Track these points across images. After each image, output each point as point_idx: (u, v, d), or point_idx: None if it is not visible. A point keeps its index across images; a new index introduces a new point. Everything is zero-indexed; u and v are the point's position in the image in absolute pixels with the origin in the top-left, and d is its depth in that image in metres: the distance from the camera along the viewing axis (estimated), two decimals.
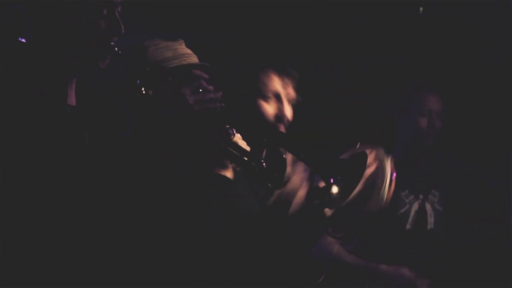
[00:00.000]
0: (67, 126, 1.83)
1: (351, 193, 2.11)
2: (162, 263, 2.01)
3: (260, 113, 2.57)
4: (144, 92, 1.91)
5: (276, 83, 2.61)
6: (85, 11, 1.84)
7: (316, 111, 4.23)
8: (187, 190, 2.03)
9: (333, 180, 2.09)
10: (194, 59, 2.43)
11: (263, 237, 2.40)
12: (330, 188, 2.08)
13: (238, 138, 2.15)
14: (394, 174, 2.78)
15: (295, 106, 2.67)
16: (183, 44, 2.46)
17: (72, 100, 1.91)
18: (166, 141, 1.91)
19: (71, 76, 1.91)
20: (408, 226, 3.49)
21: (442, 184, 3.57)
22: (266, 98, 2.58)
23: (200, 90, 1.87)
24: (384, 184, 2.63)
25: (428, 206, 3.53)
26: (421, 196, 3.54)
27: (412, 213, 3.50)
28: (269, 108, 2.58)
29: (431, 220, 3.51)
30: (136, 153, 1.87)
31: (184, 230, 2.04)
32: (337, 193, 2.09)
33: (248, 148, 2.16)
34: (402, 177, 3.46)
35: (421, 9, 4.17)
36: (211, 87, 1.90)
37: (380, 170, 2.69)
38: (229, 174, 2.29)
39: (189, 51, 2.44)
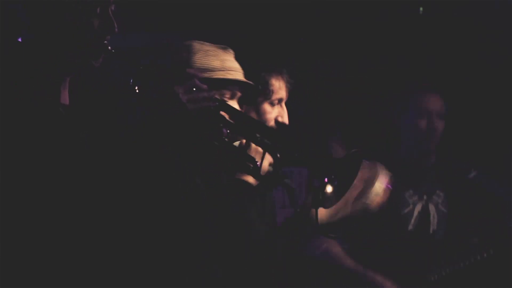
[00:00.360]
0: (61, 125, 1.83)
1: (345, 192, 2.11)
2: (162, 263, 2.01)
3: (263, 117, 2.59)
4: (137, 91, 1.91)
5: (283, 90, 2.63)
6: (83, 10, 1.85)
7: (316, 111, 4.24)
8: (187, 190, 2.04)
9: (327, 179, 2.09)
10: (240, 75, 2.39)
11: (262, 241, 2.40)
12: (324, 187, 2.08)
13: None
14: (389, 185, 2.77)
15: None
16: (233, 56, 2.41)
17: (65, 99, 1.92)
18: (166, 141, 1.91)
19: (65, 75, 1.92)
20: (410, 227, 3.44)
21: (447, 186, 3.50)
22: (272, 103, 2.61)
23: (194, 89, 1.88)
24: (370, 187, 2.64)
25: (431, 207, 3.47)
26: (425, 197, 3.47)
27: (415, 213, 3.44)
28: (273, 113, 2.61)
29: (434, 221, 3.45)
30: (136, 152, 1.87)
31: (184, 230, 2.04)
32: (331, 193, 2.09)
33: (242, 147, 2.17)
34: (406, 177, 3.43)
35: (421, 9, 4.17)
36: (204, 86, 1.90)
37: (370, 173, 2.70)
38: (251, 179, 2.30)
39: (237, 65, 2.40)
